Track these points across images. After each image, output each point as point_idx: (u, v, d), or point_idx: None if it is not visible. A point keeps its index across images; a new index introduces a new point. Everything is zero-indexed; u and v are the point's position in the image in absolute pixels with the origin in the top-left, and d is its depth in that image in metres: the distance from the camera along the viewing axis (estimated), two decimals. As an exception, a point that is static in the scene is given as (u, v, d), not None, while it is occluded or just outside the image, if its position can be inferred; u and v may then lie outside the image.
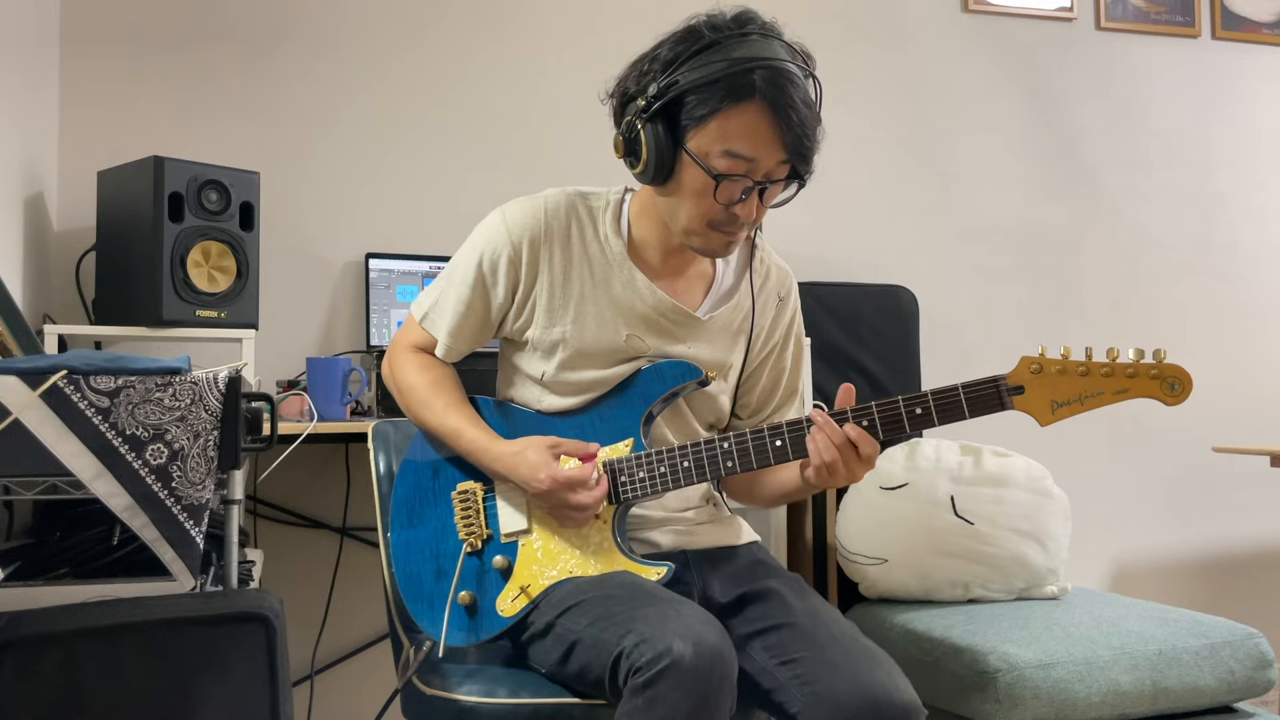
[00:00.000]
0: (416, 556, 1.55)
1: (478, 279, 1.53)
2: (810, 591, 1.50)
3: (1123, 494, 3.11)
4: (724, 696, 1.25)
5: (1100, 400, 1.34)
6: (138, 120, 2.44)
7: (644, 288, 1.51)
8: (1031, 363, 1.35)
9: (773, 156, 1.38)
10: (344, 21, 2.60)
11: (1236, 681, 2.01)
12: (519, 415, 1.56)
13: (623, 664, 1.26)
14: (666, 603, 1.33)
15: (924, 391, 1.38)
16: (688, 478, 1.45)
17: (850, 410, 1.39)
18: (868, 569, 2.32)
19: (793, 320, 1.65)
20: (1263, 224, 3.29)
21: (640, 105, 1.40)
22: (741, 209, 1.41)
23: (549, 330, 1.52)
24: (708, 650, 1.24)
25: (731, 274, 1.60)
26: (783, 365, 1.64)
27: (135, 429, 1.24)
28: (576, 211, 1.53)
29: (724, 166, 1.38)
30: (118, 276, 2.13)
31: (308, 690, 2.45)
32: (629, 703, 1.24)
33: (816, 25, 2.89)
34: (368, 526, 2.51)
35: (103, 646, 1.20)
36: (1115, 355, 1.34)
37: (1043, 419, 1.36)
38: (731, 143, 1.37)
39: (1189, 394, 1.32)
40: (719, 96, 1.35)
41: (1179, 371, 1.33)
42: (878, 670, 1.31)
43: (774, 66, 1.35)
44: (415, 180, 2.62)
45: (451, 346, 1.57)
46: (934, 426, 1.37)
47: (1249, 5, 3.29)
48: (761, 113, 1.35)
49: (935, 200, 3.01)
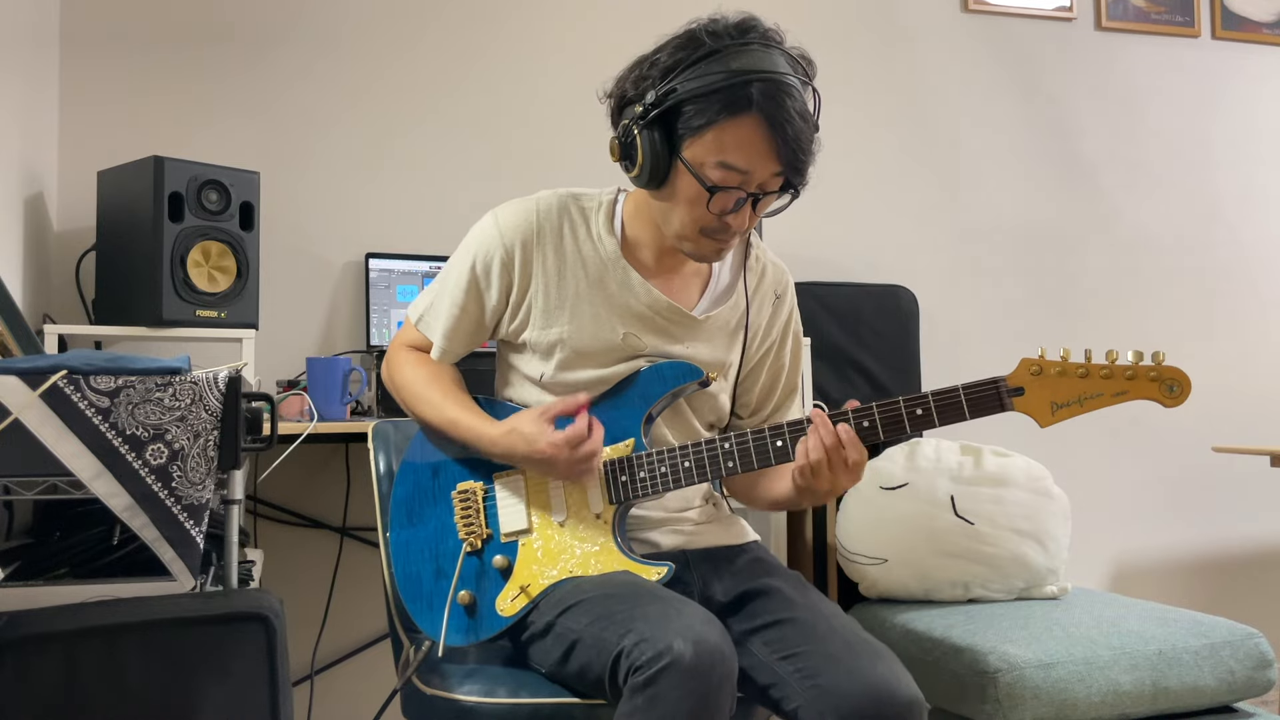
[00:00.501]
0: (416, 556, 1.55)
1: (471, 282, 1.53)
2: (810, 588, 1.50)
3: (1123, 494, 3.11)
4: (724, 696, 1.25)
5: (1100, 402, 1.35)
6: (138, 120, 2.44)
7: (639, 286, 1.52)
8: (1031, 364, 1.36)
9: (766, 169, 1.38)
10: (344, 21, 2.60)
11: (1236, 681, 2.01)
12: (514, 413, 1.56)
13: (623, 663, 1.26)
14: (667, 602, 1.33)
15: (925, 392, 1.38)
16: (688, 478, 1.46)
17: (851, 411, 1.39)
18: (868, 569, 2.32)
19: (790, 318, 1.66)
20: (1263, 224, 3.29)
21: (638, 111, 1.40)
22: (734, 218, 1.42)
23: (546, 331, 1.52)
24: (708, 650, 1.23)
25: (728, 273, 1.61)
26: (781, 363, 1.65)
27: (135, 429, 1.24)
28: (569, 212, 1.54)
29: (718, 178, 1.38)
30: (118, 276, 2.13)
31: (308, 690, 2.45)
32: (629, 702, 1.24)
33: (817, 25, 2.89)
34: (368, 526, 2.51)
35: (103, 646, 1.20)
36: (1115, 357, 1.34)
37: (1043, 420, 1.36)
38: (726, 155, 1.37)
39: (1188, 396, 1.33)
40: (716, 108, 1.35)
41: (1178, 374, 1.33)
42: (880, 664, 1.31)
43: (772, 79, 1.35)
44: (415, 180, 2.62)
45: (447, 349, 1.58)
46: (934, 427, 1.38)
47: (1249, 5, 3.29)
48: (757, 126, 1.35)
49: (935, 200, 3.01)
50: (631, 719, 1.23)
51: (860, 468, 1.39)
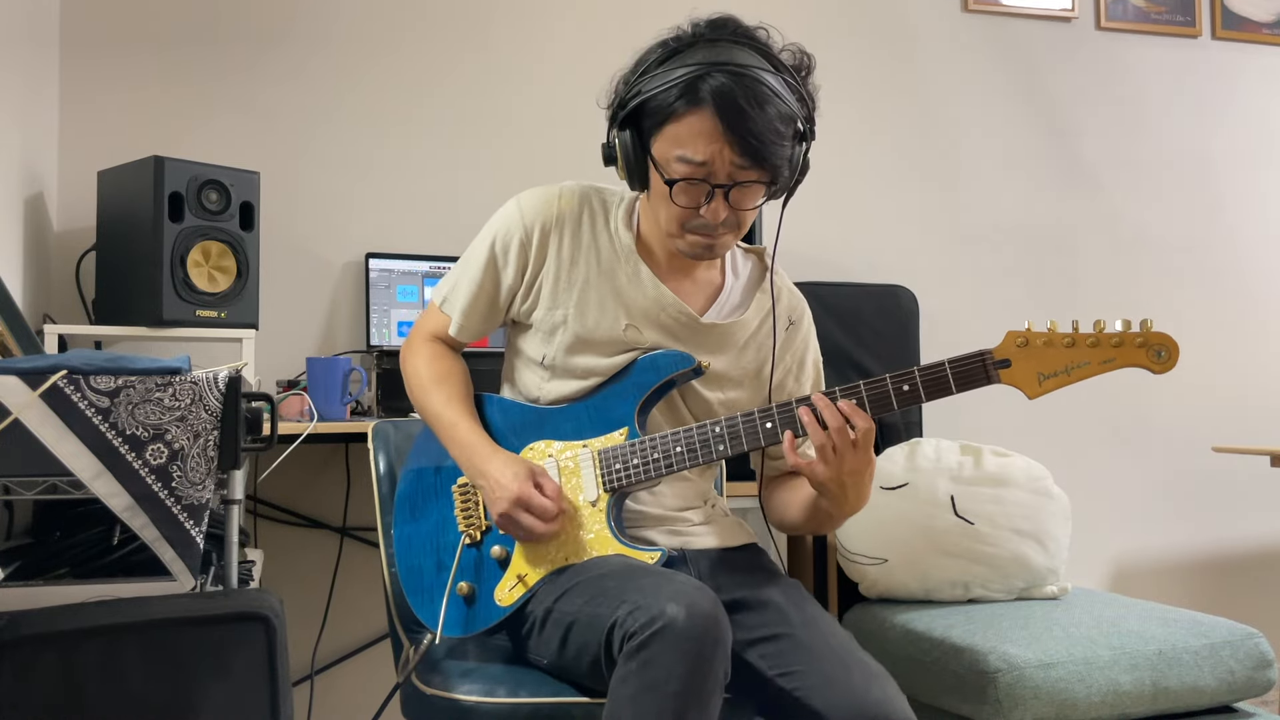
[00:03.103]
0: (418, 550, 1.56)
1: (489, 260, 1.56)
2: (809, 600, 1.50)
3: (1123, 494, 3.11)
4: (718, 661, 1.25)
5: (1087, 371, 1.34)
6: (138, 120, 2.44)
7: (648, 282, 1.53)
8: (1017, 337, 1.36)
9: (726, 159, 1.38)
10: (345, 21, 2.60)
11: (1236, 681, 2.01)
12: (519, 411, 1.58)
13: (616, 633, 1.27)
14: (660, 575, 1.34)
15: (910, 369, 1.38)
16: (680, 462, 1.46)
17: (839, 389, 1.40)
18: (868, 569, 2.32)
19: (806, 347, 1.66)
20: (1263, 224, 3.29)
21: (611, 114, 1.45)
22: (708, 211, 1.42)
23: (552, 311, 1.54)
24: (701, 614, 1.24)
25: (740, 290, 1.61)
26: (801, 391, 1.63)
27: (135, 429, 1.24)
28: (590, 203, 1.56)
29: (680, 171, 1.40)
30: (118, 276, 2.13)
31: (308, 690, 2.45)
32: (623, 667, 1.24)
33: (817, 25, 2.89)
34: (368, 526, 2.51)
35: (103, 646, 1.20)
36: (1102, 326, 1.34)
37: (1030, 391, 1.35)
38: (684, 147, 1.39)
39: (1176, 361, 1.32)
40: (670, 101, 1.38)
41: (1165, 339, 1.32)
42: (875, 687, 1.32)
43: (728, 70, 1.35)
44: (415, 180, 2.62)
45: (464, 325, 1.60)
46: (922, 403, 1.38)
47: (1249, 5, 3.29)
48: (710, 117, 1.36)
49: (935, 200, 3.01)
50: (625, 683, 1.23)
51: (870, 437, 1.37)
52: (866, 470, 1.40)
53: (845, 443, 1.36)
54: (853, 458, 1.37)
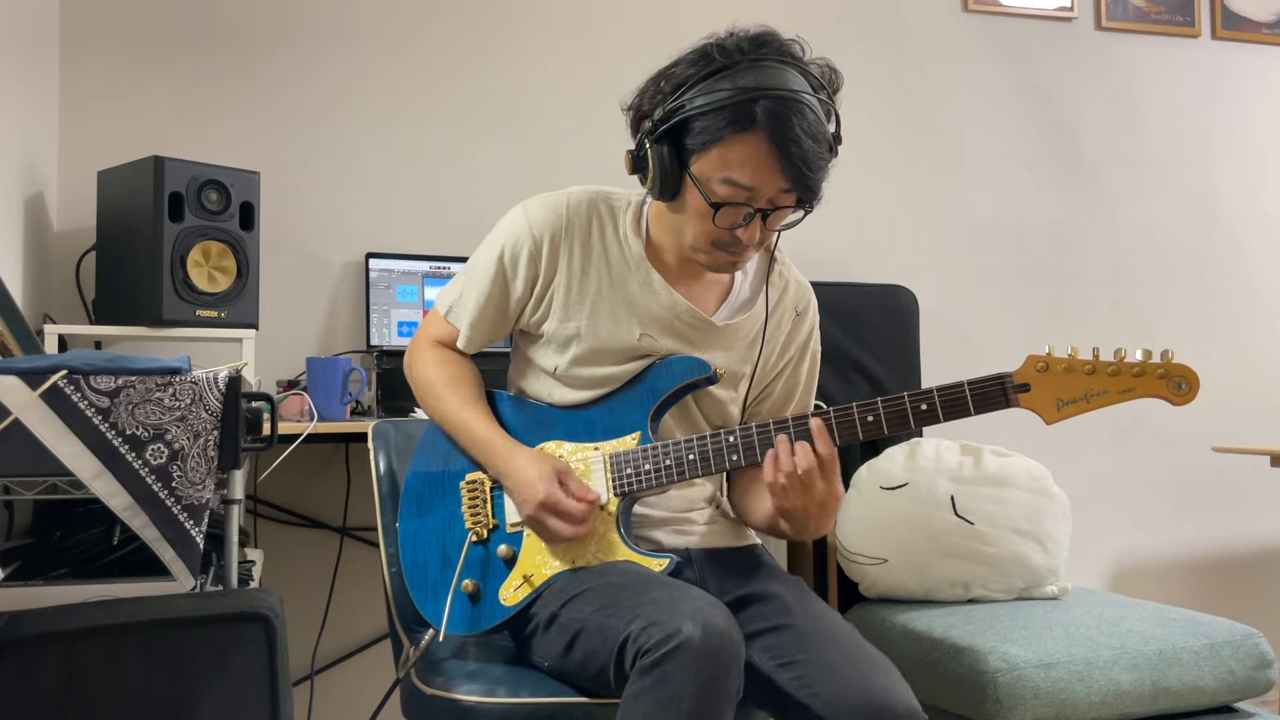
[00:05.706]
0: (423, 545, 1.55)
1: (498, 271, 1.54)
2: (811, 594, 1.50)
3: (1123, 494, 3.11)
4: (732, 679, 1.25)
5: (1106, 399, 1.34)
6: (138, 120, 2.44)
7: (660, 289, 1.52)
8: (1038, 361, 1.36)
9: (773, 185, 1.38)
10: (345, 21, 2.60)
11: (1236, 681, 2.01)
12: (532, 409, 1.57)
13: (629, 648, 1.26)
14: (672, 587, 1.33)
15: (930, 388, 1.38)
16: (692, 470, 1.46)
17: (856, 405, 1.39)
18: (868, 569, 2.32)
19: (810, 336, 1.66)
20: (1263, 224, 3.29)
21: (647, 126, 1.42)
22: (744, 233, 1.42)
23: (564, 324, 1.53)
24: (716, 632, 1.24)
25: (749, 285, 1.61)
26: (797, 380, 1.64)
27: (135, 429, 1.24)
28: (598, 210, 1.55)
29: (724, 194, 1.39)
30: (118, 276, 2.13)
31: (308, 690, 2.45)
32: (636, 683, 1.24)
33: (817, 25, 2.89)
34: (368, 526, 2.51)
35: (103, 646, 1.20)
36: (1123, 355, 1.34)
37: (1049, 417, 1.36)
38: (732, 171, 1.38)
39: (1196, 394, 1.32)
40: (721, 124, 1.36)
41: (1187, 371, 1.32)
42: (878, 675, 1.31)
43: (779, 96, 1.35)
44: (415, 180, 2.62)
45: (472, 338, 1.59)
46: (939, 423, 1.38)
47: (1249, 5, 3.29)
48: (762, 143, 1.35)
49: (935, 200, 3.01)
50: (639, 699, 1.23)
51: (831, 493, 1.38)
52: (832, 502, 1.41)
53: (813, 479, 1.37)
54: (822, 489, 1.38)
